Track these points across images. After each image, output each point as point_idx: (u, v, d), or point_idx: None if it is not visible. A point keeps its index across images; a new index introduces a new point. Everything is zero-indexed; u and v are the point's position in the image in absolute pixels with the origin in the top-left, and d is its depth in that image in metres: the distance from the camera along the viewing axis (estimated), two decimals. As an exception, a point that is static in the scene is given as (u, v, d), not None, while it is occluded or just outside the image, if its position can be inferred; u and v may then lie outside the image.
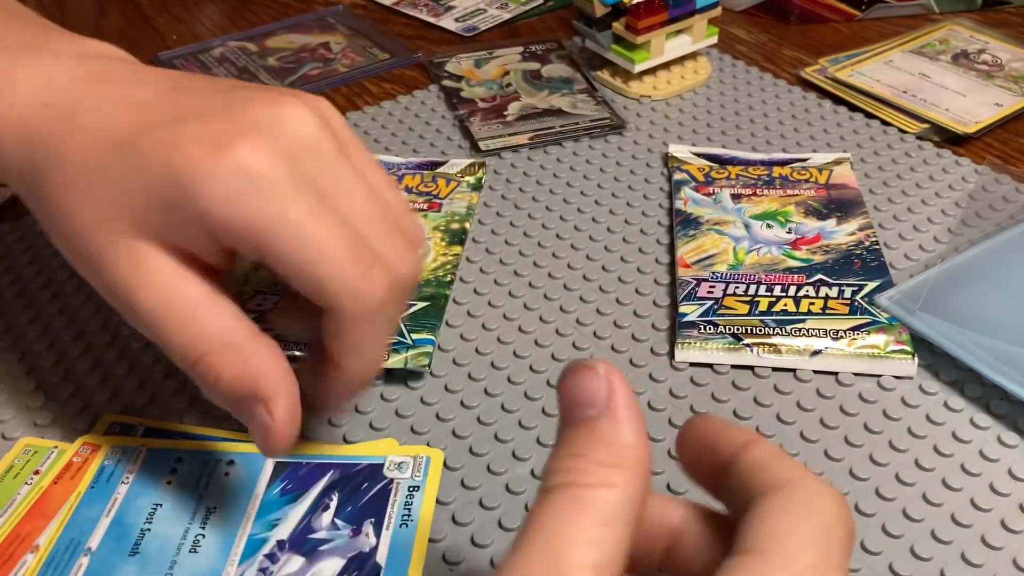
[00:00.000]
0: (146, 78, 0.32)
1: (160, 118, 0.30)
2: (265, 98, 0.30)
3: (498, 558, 0.31)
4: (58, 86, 0.32)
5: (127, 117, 0.30)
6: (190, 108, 0.30)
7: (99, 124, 0.30)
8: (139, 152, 0.29)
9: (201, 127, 0.29)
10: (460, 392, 0.37)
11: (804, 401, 0.37)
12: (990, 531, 0.32)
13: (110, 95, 0.31)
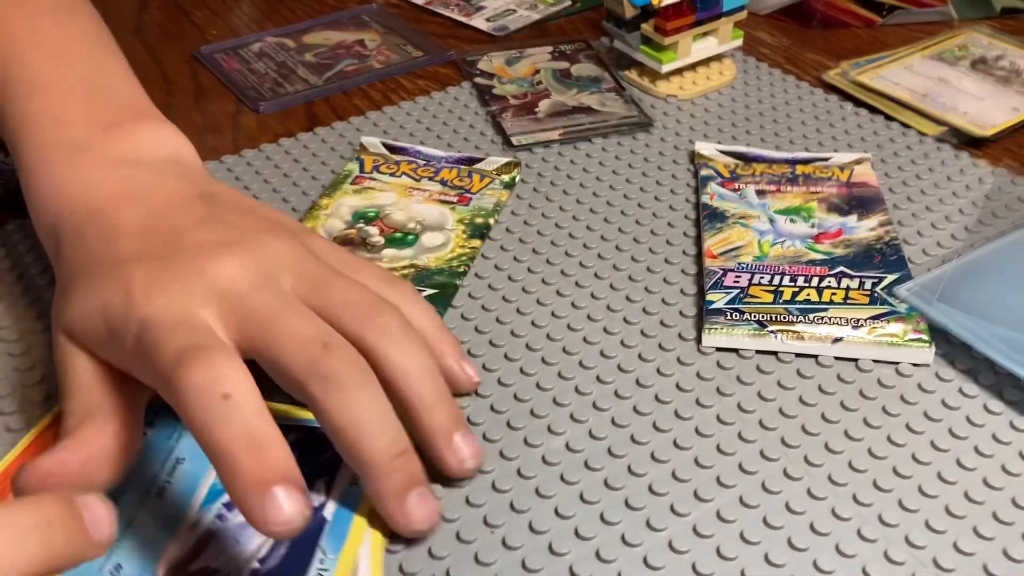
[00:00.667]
0: (150, 203, 0.37)
1: (115, 256, 0.34)
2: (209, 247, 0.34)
3: (449, 514, 0.33)
4: (84, 201, 0.37)
5: (101, 251, 0.35)
6: (143, 251, 0.34)
7: (86, 250, 0.36)
8: (83, 287, 0.34)
9: (127, 276, 0.33)
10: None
11: (825, 385, 0.38)
12: (1001, 508, 0.33)
13: (107, 224, 0.36)
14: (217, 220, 0.36)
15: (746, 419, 0.37)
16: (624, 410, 0.37)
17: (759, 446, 0.36)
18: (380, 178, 0.50)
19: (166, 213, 0.36)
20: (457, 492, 0.34)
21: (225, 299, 0.32)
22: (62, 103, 0.41)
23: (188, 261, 0.33)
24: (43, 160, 0.39)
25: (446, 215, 0.48)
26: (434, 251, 0.45)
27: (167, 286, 0.32)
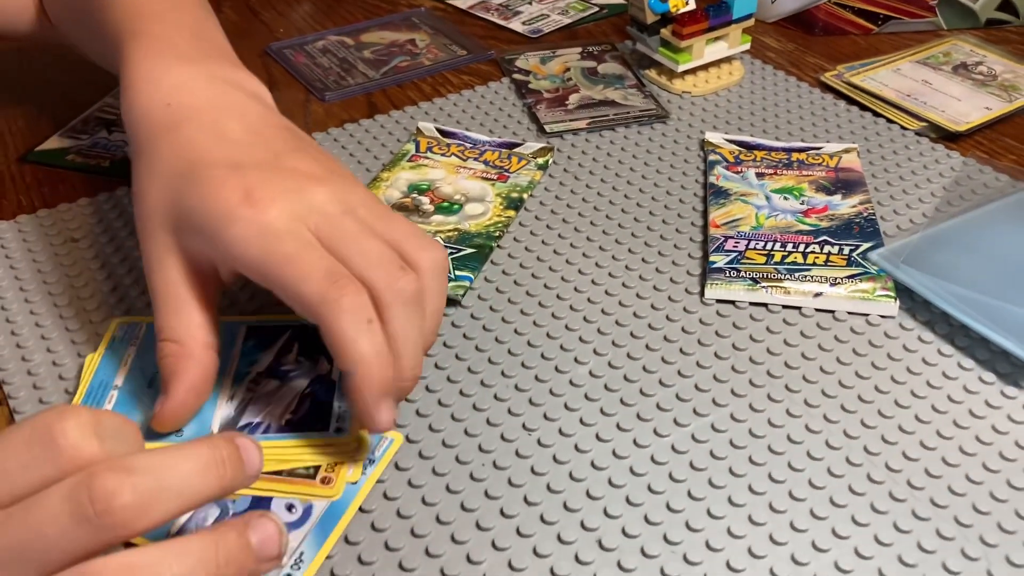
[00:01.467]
0: (245, 117, 0.42)
1: (224, 157, 0.39)
2: (303, 173, 0.40)
3: (434, 385, 0.41)
4: (185, 98, 0.42)
5: (207, 145, 0.40)
6: (250, 157, 0.40)
7: (188, 142, 0.40)
8: (199, 178, 0.39)
9: (244, 178, 0.38)
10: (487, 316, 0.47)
11: (806, 331, 0.46)
12: (944, 427, 0.41)
13: (210, 121, 0.41)
14: (304, 152, 0.42)
15: (739, 356, 0.45)
16: (638, 346, 0.45)
17: (748, 376, 0.44)
18: (432, 157, 0.58)
19: (262, 132, 0.41)
20: (472, 440, 0.42)
21: (320, 217, 0.38)
22: (173, 30, 0.46)
23: (290, 179, 0.39)
24: (148, 61, 0.44)
25: (487, 189, 0.56)
26: (475, 218, 0.53)
27: (277, 196, 0.37)
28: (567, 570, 0.35)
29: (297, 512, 0.36)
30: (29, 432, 0.28)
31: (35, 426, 0.28)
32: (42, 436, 0.28)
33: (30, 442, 0.28)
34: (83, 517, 0.27)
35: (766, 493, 0.38)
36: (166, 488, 0.28)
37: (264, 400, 0.41)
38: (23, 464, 0.28)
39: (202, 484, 0.30)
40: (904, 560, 0.36)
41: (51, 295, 0.48)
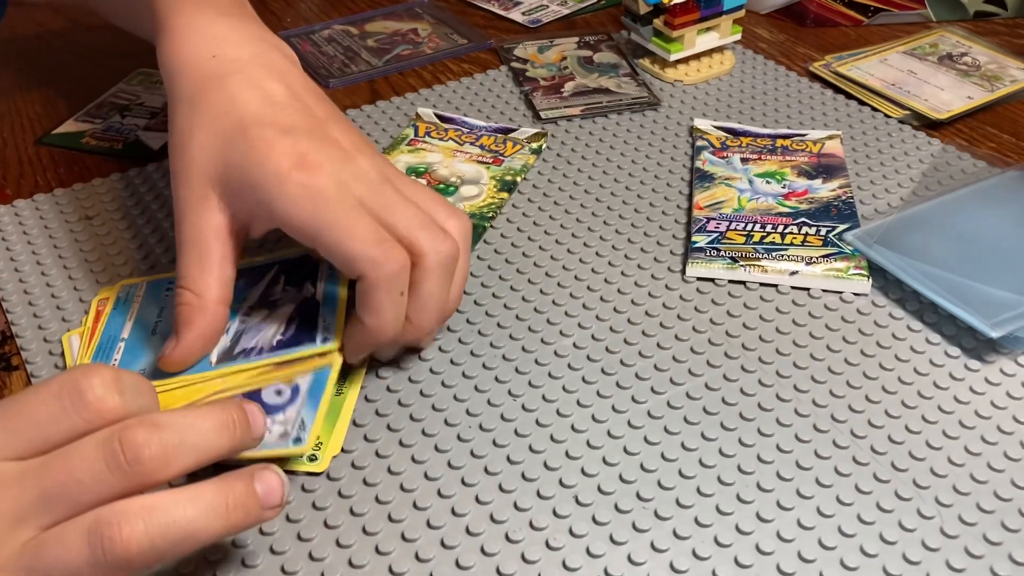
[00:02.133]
0: (288, 80, 0.44)
1: (274, 119, 0.41)
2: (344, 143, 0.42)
3: (427, 354, 0.43)
4: (229, 50, 0.44)
5: (255, 103, 0.42)
6: (298, 123, 0.42)
7: (236, 96, 0.42)
8: (249, 137, 0.41)
9: (296, 143, 0.40)
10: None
11: (782, 307, 0.48)
12: (910, 398, 0.43)
13: (256, 78, 0.43)
14: (340, 122, 0.44)
15: (715, 330, 0.47)
16: (620, 320, 0.48)
17: (724, 348, 0.46)
18: (430, 141, 0.60)
19: (303, 97, 0.43)
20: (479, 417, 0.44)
21: (363, 185, 0.41)
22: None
23: (334, 147, 0.41)
24: (191, 12, 0.46)
25: (481, 172, 0.58)
26: (469, 199, 0.56)
27: (325, 163, 0.40)
28: (545, 522, 0.38)
29: (286, 394, 0.40)
30: (58, 387, 0.31)
31: (63, 382, 0.31)
32: (70, 390, 0.31)
33: (59, 395, 0.31)
34: (115, 465, 0.30)
35: (735, 455, 0.40)
36: (187, 443, 0.32)
37: (255, 328, 0.44)
38: (53, 415, 0.31)
39: (217, 442, 0.33)
40: (863, 519, 0.38)
41: (66, 268, 0.51)
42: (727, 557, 0.36)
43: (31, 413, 0.30)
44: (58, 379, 0.31)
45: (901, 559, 0.36)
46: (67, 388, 0.31)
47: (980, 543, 0.37)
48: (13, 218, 0.55)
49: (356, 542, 0.37)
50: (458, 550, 0.37)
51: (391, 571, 0.36)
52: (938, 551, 0.37)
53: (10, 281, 0.50)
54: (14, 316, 0.48)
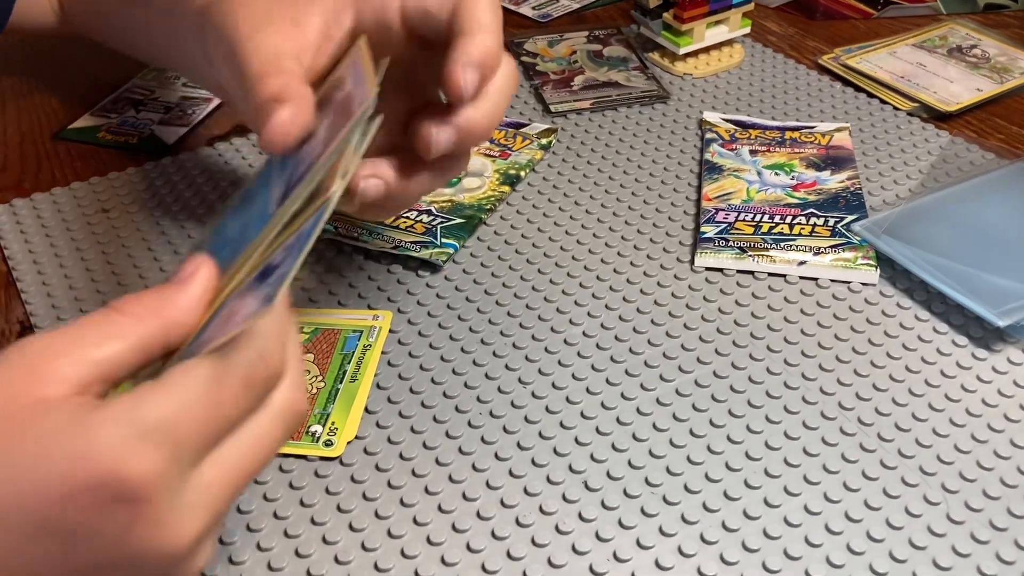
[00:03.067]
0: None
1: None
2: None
3: (437, 342, 0.44)
4: None
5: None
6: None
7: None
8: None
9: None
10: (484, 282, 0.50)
11: (790, 296, 0.49)
12: (916, 386, 0.44)
13: None
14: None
15: (724, 319, 0.47)
16: (629, 309, 0.48)
17: (732, 337, 0.46)
18: (442, 134, 0.61)
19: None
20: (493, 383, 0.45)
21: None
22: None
23: None
24: None
25: (487, 165, 0.58)
26: (470, 191, 0.56)
27: None
28: (555, 507, 0.38)
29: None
30: (247, 374, 0.29)
31: (252, 368, 0.29)
32: (262, 380, 0.30)
33: (250, 384, 0.29)
34: (289, 434, 0.31)
35: (743, 442, 0.41)
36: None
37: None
38: (249, 406, 0.30)
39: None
40: (870, 504, 0.38)
41: (84, 260, 0.52)
42: (735, 541, 0.37)
43: (228, 409, 0.29)
44: (242, 365, 0.29)
45: (907, 544, 0.37)
46: (255, 380, 0.29)
47: (986, 529, 0.37)
48: (31, 211, 0.56)
49: (369, 525, 0.38)
50: (469, 534, 0.37)
51: (403, 554, 0.36)
52: (944, 536, 0.37)
53: (29, 273, 0.51)
54: (33, 307, 0.49)
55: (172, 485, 0.27)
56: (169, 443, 0.27)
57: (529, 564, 0.36)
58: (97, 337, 0.28)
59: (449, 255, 0.51)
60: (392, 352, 0.46)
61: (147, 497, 0.26)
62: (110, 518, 0.26)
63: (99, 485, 0.26)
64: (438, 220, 0.53)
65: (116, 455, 0.26)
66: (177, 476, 0.27)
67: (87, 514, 0.26)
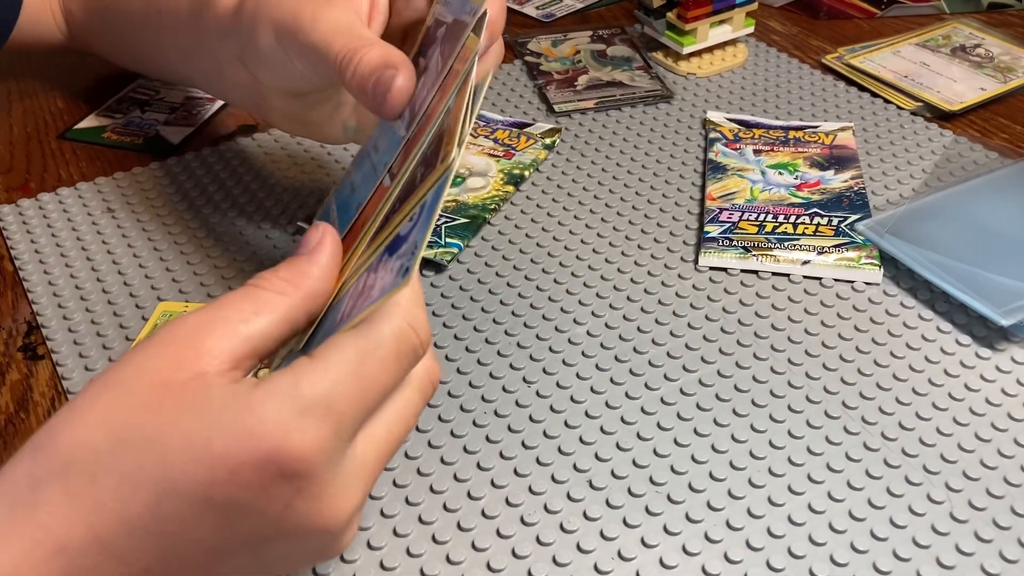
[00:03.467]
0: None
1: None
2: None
3: (442, 341, 0.44)
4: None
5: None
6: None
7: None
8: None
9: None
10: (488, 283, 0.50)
11: (793, 296, 0.49)
12: (920, 385, 0.44)
13: None
14: None
15: (728, 318, 0.48)
16: (633, 309, 0.48)
17: (736, 337, 0.46)
18: (446, 134, 0.61)
19: None
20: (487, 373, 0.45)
21: None
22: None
23: None
24: None
25: (491, 165, 0.59)
26: (475, 191, 0.56)
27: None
28: (560, 506, 0.38)
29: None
30: (395, 347, 0.30)
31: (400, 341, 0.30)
32: (408, 352, 0.30)
33: (399, 358, 0.30)
34: (426, 401, 0.32)
35: (747, 441, 0.41)
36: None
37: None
38: (398, 377, 0.30)
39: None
40: (873, 503, 0.38)
41: (89, 260, 0.52)
42: (739, 540, 0.37)
43: (382, 383, 0.30)
44: (392, 337, 0.30)
45: (911, 543, 0.37)
46: (405, 348, 0.30)
47: (989, 527, 0.37)
48: (37, 211, 0.56)
49: (375, 524, 0.38)
50: (474, 532, 0.37)
51: (409, 553, 0.37)
52: (948, 535, 0.37)
53: (35, 272, 0.51)
54: (39, 307, 0.49)
55: (333, 459, 0.28)
56: (330, 418, 0.27)
57: (534, 563, 0.36)
58: (245, 313, 0.29)
59: (453, 255, 0.51)
60: (397, 351, 0.46)
61: (309, 472, 0.27)
62: (274, 493, 0.27)
63: (265, 461, 0.27)
64: (442, 220, 0.53)
65: (281, 431, 0.27)
66: (338, 450, 0.28)
67: (252, 489, 0.27)
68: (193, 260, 0.52)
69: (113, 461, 0.27)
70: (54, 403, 0.44)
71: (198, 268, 0.51)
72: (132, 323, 0.48)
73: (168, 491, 0.27)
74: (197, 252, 0.52)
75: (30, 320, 0.48)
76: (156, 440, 0.27)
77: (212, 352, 0.28)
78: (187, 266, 0.51)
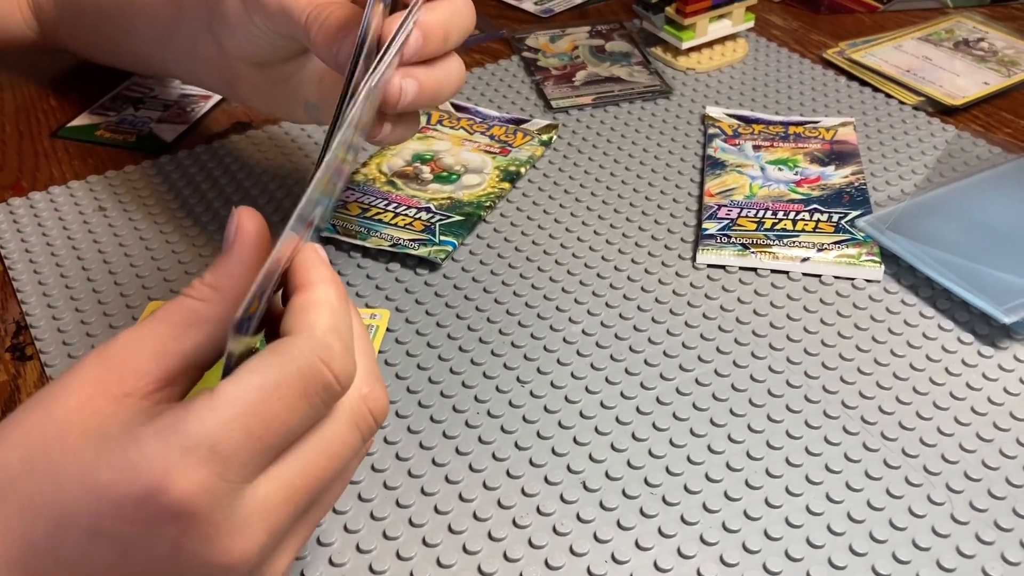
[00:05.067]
0: None
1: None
2: None
3: (435, 341, 0.43)
4: None
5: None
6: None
7: None
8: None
9: None
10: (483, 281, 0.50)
11: (793, 294, 0.48)
12: (921, 384, 0.43)
13: None
14: None
15: (726, 316, 0.47)
16: (630, 307, 0.47)
17: (734, 335, 0.46)
18: (441, 129, 0.60)
19: None
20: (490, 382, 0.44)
21: None
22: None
23: None
24: None
25: (486, 162, 0.58)
26: (470, 188, 0.56)
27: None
28: (553, 508, 0.38)
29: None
30: (301, 385, 0.28)
31: (306, 378, 0.28)
32: (317, 387, 0.28)
33: (305, 394, 0.28)
34: (369, 432, 0.30)
35: (744, 442, 0.40)
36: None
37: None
38: (305, 416, 0.28)
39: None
40: (872, 504, 0.38)
41: (80, 260, 0.52)
42: (735, 542, 0.36)
43: (282, 422, 0.27)
44: (296, 374, 0.27)
45: (911, 545, 0.36)
46: (312, 385, 0.28)
47: (991, 529, 0.37)
48: (28, 210, 0.56)
49: (364, 527, 0.37)
50: (465, 535, 0.37)
51: (398, 556, 0.36)
52: (948, 537, 0.36)
53: (25, 272, 0.51)
54: (28, 307, 0.48)
55: (221, 501, 0.26)
56: (215, 460, 0.26)
57: (526, 566, 0.36)
58: (176, 327, 0.29)
59: (448, 253, 0.51)
60: (389, 351, 0.45)
61: (193, 513, 0.26)
62: (158, 531, 0.26)
63: (144, 498, 0.26)
64: (437, 217, 0.53)
65: (160, 469, 0.26)
66: (228, 492, 0.27)
67: (137, 524, 0.26)
68: (184, 259, 0.51)
69: (20, 484, 0.27)
70: (42, 404, 0.43)
71: (189, 267, 0.51)
72: (122, 323, 0.47)
73: (63, 519, 0.27)
74: (189, 251, 0.52)
75: (19, 320, 0.48)
76: (58, 466, 0.27)
77: (138, 372, 0.28)
78: (179, 265, 0.51)
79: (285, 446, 0.28)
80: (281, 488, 0.28)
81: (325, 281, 0.30)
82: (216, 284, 0.30)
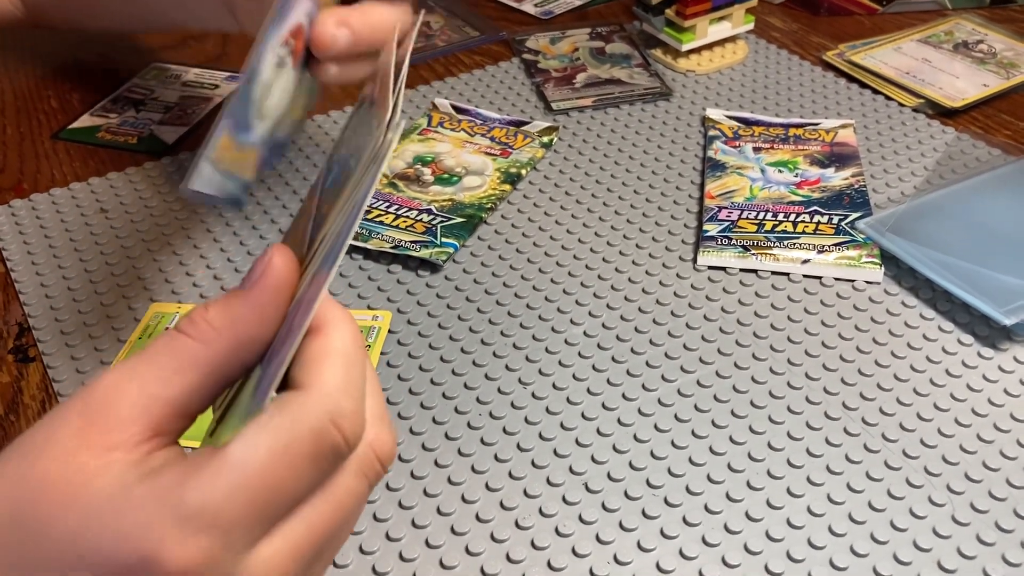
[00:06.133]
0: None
1: None
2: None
3: (437, 343, 0.43)
4: None
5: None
6: None
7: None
8: None
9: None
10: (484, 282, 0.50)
11: (793, 295, 0.48)
12: (922, 385, 0.43)
13: None
14: None
15: (727, 318, 0.47)
16: (631, 309, 0.48)
17: (735, 337, 0.46)
18: (442, 131, 0.61)
19: None
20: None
21: None
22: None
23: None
24: None
25: (487, 164, 0.58)
26: (471, 190, 0.56)
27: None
28: (555, 509, 0.38)
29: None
30: (312, 449, 0.26)
31: (317, 443, 0.26)
32: (328, 453, 0.26)
33: (315, 459, 0.26)
34: (376, 480, 0.28)
35: (746, 443, 0.40)
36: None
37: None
38: (313, 481, 0.27)
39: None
40: (873, 505, 0.38)
41: (82, 261, 0.52)
42: (736, 543, 0.36)
43: (289, 489, 0.26)
44: (306, 438, 0.26)
45: (912, 546, 0.36)
46: (322, 449, 0.26)
47: (992, 530, 0.37)
48: (30, 212, 0.56)
49: (367, 528, 0.37)
50: (467, 536, 0.37)
51: (401, 557, 0.36)
52: (949, 538, 0.36)
53: (27, 274, 0.51)
54: (31, 308, 0.48)
55: (221, 570, 0.25)
56: (217, 529, 0.24)
57: (528, 567, 0.36)
58: (165, 371, 0.26)
59: (449, 254, 0.51)
60: (391, 353, 0.45)
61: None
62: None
63: (139, 568, 0.24)
64: (438, 219, 0.53)
65: (156, 538, 0.24)
66: (229, 560, 0.25)
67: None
68: (186, 260, 0.51)
69: (7, 537, 0.25)
70: (44, 406, 0.43)
71: (191, 268, 0.51)
72: (124, 324, 0.47)
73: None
74: (190, 253, 0.52)
75: (21, 322, 0.48)
76: (45, 525, 0.25)
77: (123, 423, 0.25)
78: (180, 267, 0.51)
79: (290, 510, 0.26)
80: (286, 548, 0.26)
81: (339, 323, 0.27)
82: (219, 326, 0.27)
